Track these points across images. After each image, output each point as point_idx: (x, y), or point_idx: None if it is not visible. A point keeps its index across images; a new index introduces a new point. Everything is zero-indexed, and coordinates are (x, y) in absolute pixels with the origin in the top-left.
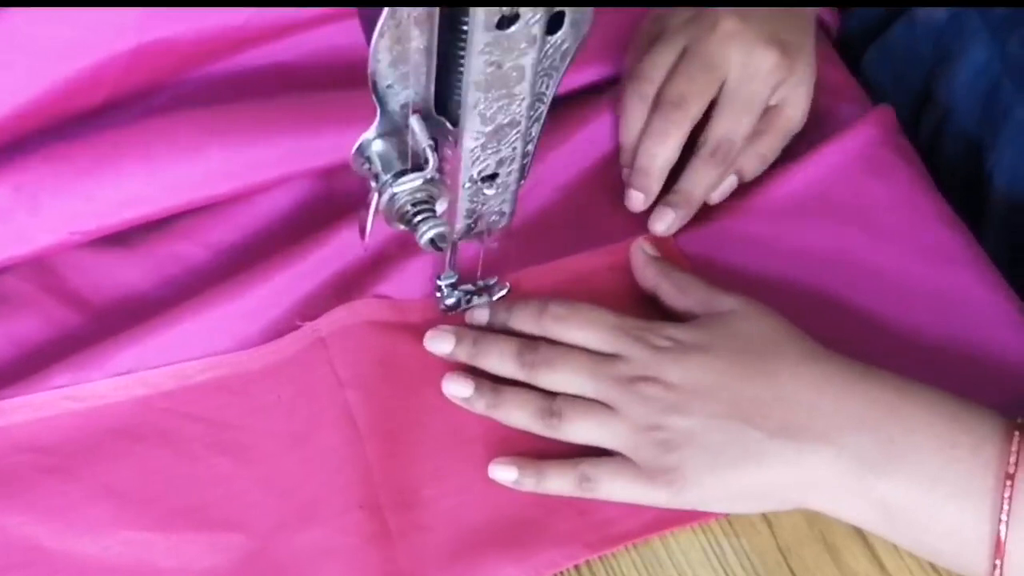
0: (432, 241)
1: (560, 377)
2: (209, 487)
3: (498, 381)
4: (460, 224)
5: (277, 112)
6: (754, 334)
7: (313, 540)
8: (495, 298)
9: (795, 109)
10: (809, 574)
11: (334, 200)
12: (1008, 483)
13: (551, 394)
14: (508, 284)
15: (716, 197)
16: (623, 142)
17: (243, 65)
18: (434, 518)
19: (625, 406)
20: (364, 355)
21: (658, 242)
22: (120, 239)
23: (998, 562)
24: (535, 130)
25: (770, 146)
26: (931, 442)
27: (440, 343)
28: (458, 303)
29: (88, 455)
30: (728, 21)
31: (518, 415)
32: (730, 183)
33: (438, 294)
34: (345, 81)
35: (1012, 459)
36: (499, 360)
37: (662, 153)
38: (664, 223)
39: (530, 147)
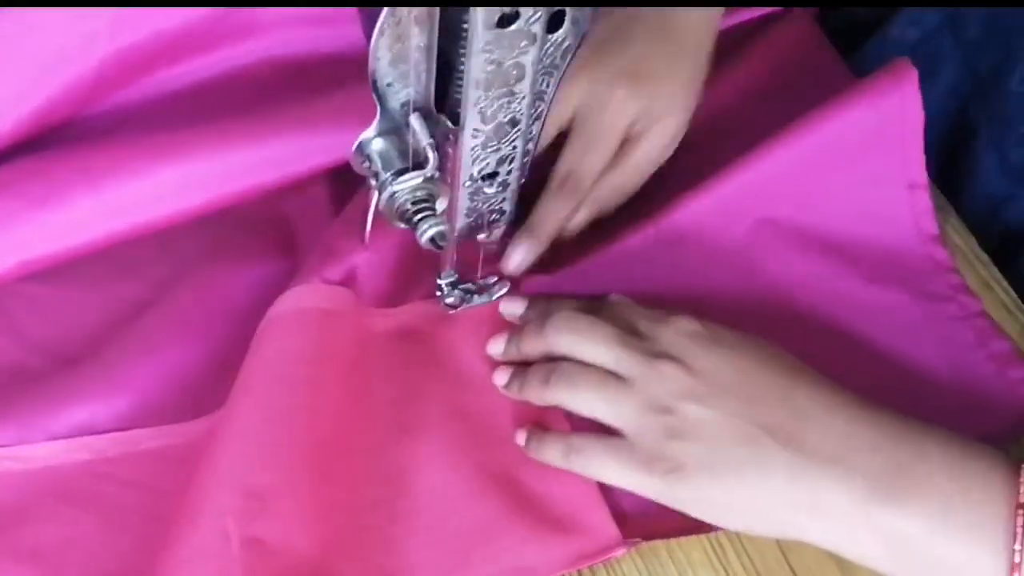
0: (432, 239)
1: (582, 342)
2: (130, 555)
3: None
4: (460, 223)
5: (233, 125)
6: (773, 353)
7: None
8: (495, 298)
9: (651, 141)
10: (810, 574)
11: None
12: (1020, 512)
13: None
14: (508, 283)
15: (571, 228)
16: None
17: (209, 70)
18: (276, 536)
19: (641, 380)
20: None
21: None
22: (70, 274)
23: None
24: (535, 128)
25: (623, 178)
26: (941, 471)
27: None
28: (458, 302)
29: (17, 516)
30: (578, 59)
31: (528, 382)
32: (584, 215)
33: (438, 293)
34: (302, 84)
35: (1023, 488)
36: (533, 336)
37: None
38: (513, 262)
39: (530, 146)
